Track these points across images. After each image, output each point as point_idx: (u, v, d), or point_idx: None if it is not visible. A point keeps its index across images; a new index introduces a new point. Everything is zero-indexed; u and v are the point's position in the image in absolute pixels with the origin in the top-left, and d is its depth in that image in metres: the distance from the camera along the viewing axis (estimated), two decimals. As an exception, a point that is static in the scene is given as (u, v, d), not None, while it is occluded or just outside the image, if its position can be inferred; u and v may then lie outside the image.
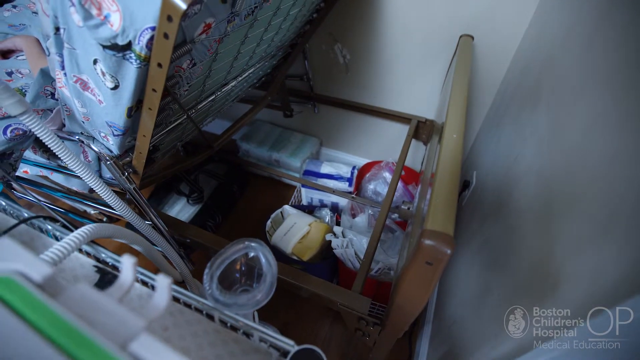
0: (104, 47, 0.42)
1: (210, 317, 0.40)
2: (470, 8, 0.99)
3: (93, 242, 0.50)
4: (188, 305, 0.41)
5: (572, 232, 0.42)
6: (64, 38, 0.45)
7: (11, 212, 0.55)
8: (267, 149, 1.52)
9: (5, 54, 0.85)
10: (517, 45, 1.01)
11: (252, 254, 0.44)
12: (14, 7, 0.91)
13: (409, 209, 0.99)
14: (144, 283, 0.45)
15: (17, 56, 0.85)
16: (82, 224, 0.46)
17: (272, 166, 1.54)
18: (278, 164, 1.52)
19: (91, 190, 0.88)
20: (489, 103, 1.18)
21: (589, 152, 0.43)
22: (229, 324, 0.39)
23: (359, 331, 0.76)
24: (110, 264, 0.48)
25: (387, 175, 1.32)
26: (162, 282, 0.24)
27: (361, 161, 1.58)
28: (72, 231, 0.52)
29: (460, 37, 1.04)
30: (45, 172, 0.92)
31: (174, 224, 0.89)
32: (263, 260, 0.41)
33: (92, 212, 1.34)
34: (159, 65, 0.43)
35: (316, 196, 1.40)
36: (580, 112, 0.49)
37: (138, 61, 0.44)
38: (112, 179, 0.73)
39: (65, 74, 0.51)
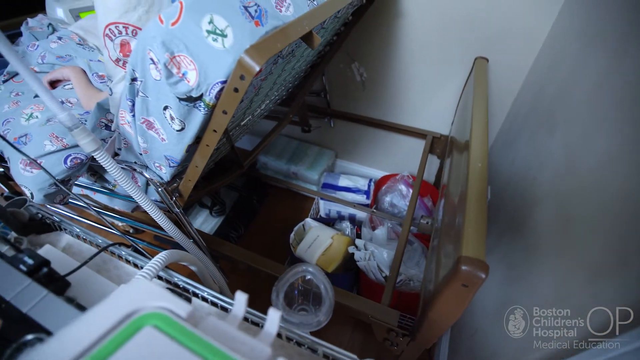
0: (180, 99, 0.48)
1: (278, 334, 0.46)
2: (484, 31, 1.05)
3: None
4: (256, 324, 0.47)
5: (591, 258, 0.47)
6: (139, 88, 0.52)
7: (84, 237, 0.61)
8: (285, 161, 1.58)
9: (53, 83, 0.92)
10: (529, 67, 1.06)
11: (308, 277, 0.50)
12: (60, 38, 0.98)
13: (427, 223, 1.05)
14: (214, 304, 0.51)
15: (64, 85, 0.92)
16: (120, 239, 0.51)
17: (289, 179, 1.60)
18: (296, 176, 1.58)
19: (133, 210, 0.94)
20: (501, 120, 1.23)
21: (606, 184, 0.49)
22: (294, 340, 0.44)
23: (387, 341, 0.81)
24: (181, 286, 0.54)
25: (403, 188, 1.38)
26: (273, 314, 0.30)
27: (375, 173, 1.64)
28: (141, 254, 0.58)
29: (476, 59, 1.10)
30: (86, 192, 0.98)
31: (209, 240, 0.95)
32: (322, 287, 0.46)
33: (121, 224, 1.41)
34: (224, 112, 0.49)
35: (334, 208, 1.45)
36: (596, 147, 0.54)
37: (206, 109, 0.50)
38: (159, 202, 0.79)
39: (133, 115, 0.57)
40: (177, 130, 0.54)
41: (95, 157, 0.55)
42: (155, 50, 0.45)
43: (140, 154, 0.67)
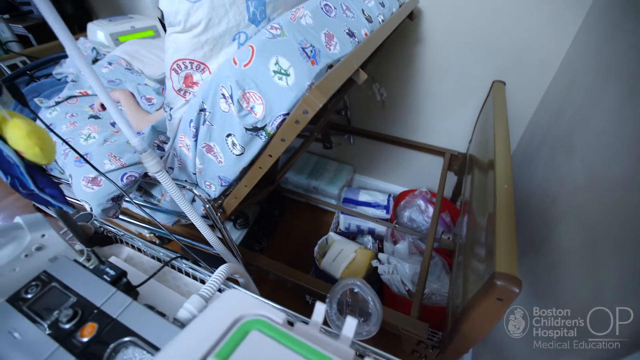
0: (246, 129, 0.54)
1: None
2: (501, 56, 1.12)
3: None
4: (291, 323, 0.52)
5: (617, 280, 0.51)
6: (207, 118, 0.58)
7: (145, 250, 0.67)
8: (305, 176, 1.64)
9: (104, 105, 0.99)
10: (545, 90, 1.12)
11: (356, 290, 0.55)
12: (110, 64, 1.07)
13: (449, 238, 1.09)
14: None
15: (114, 107, 1.00)
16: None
17: (310, 193, 1.66)
18: (316, 190, 1.64)
19: (174, 224, 1.00)
20: (517, 140, 1.28)
21: (627, 207, 0.53)
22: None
23: (415, 352, 0.85)
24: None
25: (421, 203, 1.43)
26: (351, 322, 0.35)
27: (393, 188, 1.69)
28: (198, 265, 0.63)
29: (494, 83, 1.16)
30: (127, 205, 1.05)
31: (243, 253, 1.00)
32: (369, 299, 0.51)
33: (148, 234, 1.47)
34: (283, 140, 0.56)
35: (354, 222, 1.50)
36: (617, 170, 0.59)
37: (266, 137, 0.56)
38: (203, 216, 0.85)
39: (195, 140, 0.64)
40: (237, 155, 0.60)
41: (157, 177, 0.62)
42: (228, 87, 0.51)
43: (194, 174, 0.73)
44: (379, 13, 0.83)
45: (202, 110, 0.58)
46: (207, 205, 0.77)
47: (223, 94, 0.53)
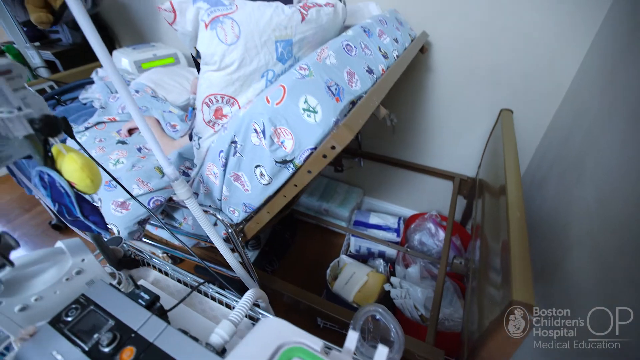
0: (276, 162, 0.58)
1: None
2: (507, 85, 1.16)
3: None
4: None
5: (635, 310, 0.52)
6: (237, 149, 0.62)
7: (172, 274, 0.69)
8: (316, 199, 1.67)
9: (131, 130, 1.05)
10: (552, 117, 1.16)
11: (377, 317, 0.57)
12: (137, 92, 1.13)
13: (461, 263, 1.10)
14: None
15: (139, 132, 1.05)
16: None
17: (320, 215, 1.68)
18: (327, 212, 1.66)
19: (193, 246, 1.03)
20: (525, 164, 1.31)
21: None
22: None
23: (431, 379, 0.85)
24: (256, 318, 0.61)
25: (431, 227, 1.44)
26: (382, 350, 0.37)
27: (401, 210, 1.72)
28: (224, 289, 0.66)
29: (501, 111, 1.20)
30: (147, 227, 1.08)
31: (260, 276, 1.02)
32: (392, 327, 0.53)
33: (161, 254, 1.50)
34: (309, 171, 0.59)
35: (364, 244, 1.52)
36: (629, 196, 0.61)
37: (294, 168, 0.60)
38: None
39: (224, 170, 0.67)
40: (264, 184, 0.64)
41: (187, 203, 0.65)
42: (261, 123, 0.55)
43: (219, 200, 0.76)
44: (393, 49, 0.88)
45: (233, 142, 0.62)
46: (230, 230, 0.80)
47: (255, 129, 0.57)
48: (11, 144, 0.53)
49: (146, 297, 0.56)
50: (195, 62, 0.72)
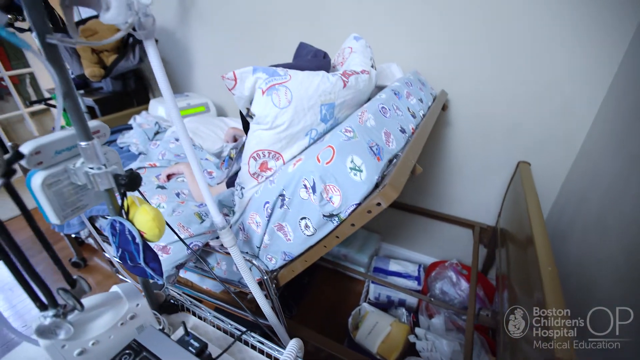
0: (323, 215, 0.63)
1: None
2: (523, 139, 1.22)
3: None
4: None
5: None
6: (285, 202, 0.67)
7: (212, 320, 0.71)
8: (335, 243, 1.69)
9: (169, 176, 1.11)
10: (569, 169, 1.20)
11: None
12: (177, 140, 1.21)
13: (487, 315, 1.09)
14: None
15: (177, 178, 1.11)
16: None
17: (339, 260, 1.69)
18: (345, 258, 1.67)
19: (222, 291, 1.05)
20: (545, 215, 1.33)
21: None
22: None
23: None
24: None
25: (452, 275, 1.43)
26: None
27: (420, 257, 1.71)
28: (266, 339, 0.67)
29: (519, 163, 1.25)
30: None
31: (288, 323, 1.02)
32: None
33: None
34: (352, 224, 0.63)
35: (384, 292, 1.50)
36: None
37: (338, 221, 0.64)
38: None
39: (268, 220, 0.72)
40: (308, 235, 0.68)
41: (230, 250, 0.69)
42: (311, 179, 0.61)
43: (257, 247, 0.80)
44: (420, 109, 0.96)
45: (281, 195, 0.67)
46: (265, 277, 0.82)
47: (305, 185, 0.62)
48: (88, 194, 0.59)
49: (195, 344, 0.57)
50: (243, 118, 0.80)
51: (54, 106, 1.79)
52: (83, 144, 0.51)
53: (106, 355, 0.55)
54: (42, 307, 0.47)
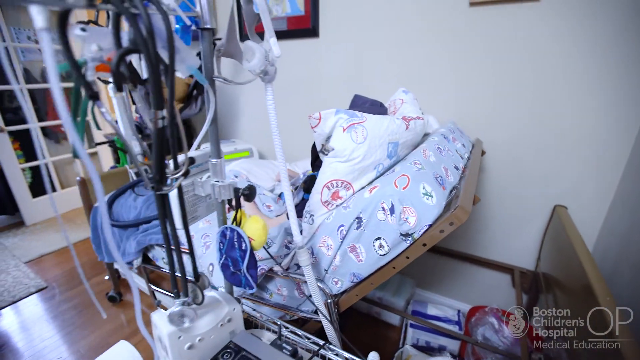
0: (400, 234, 0.71)
1: None
2: (558, 182, 1.30)
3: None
4: None
5: None
6: (362, 224, 0.75)
7: (287, 335, 0.75)
8: (369, 285, 1.70)
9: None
10: (606, 212, 1.25)
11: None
12: (236, 176, 1.34)
13: (540, 359, 1.07)
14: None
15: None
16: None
17: (373, 303, 1.68)
18: (380, 301, 1.67)
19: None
20: (586, 261, 1.35)
21: None
22: None
23: None
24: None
25: (494, 321, 1.41)
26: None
27: (456, 303, 1.70)
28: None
29: (555, 206, 1.31)
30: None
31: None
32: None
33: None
34: (424, 244, 0.70)
35: (422, 337, 1.48)
36: None
37: (411, 241, 0.71)
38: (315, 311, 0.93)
39: (341, 241, 0.79)
40: (381, 255, 0.75)
41: (305, 270, 0.76)
42: (389, 202, 0.70)
43: (325, 270, 0.86)
44: (464, 152, 1.07)
45: (358, 218, 0.76)
46: (330, 300, 0.87)
47: (383, 207, 0.71)
48: (202, 206, 0.69)
49: (288, 347, 0.62)
50: (313, 153, 0.91)
51: (115, 147, 1.99)
52: (214, 160, 0.63)
53: (208, 353, 0.60)
54: (176, 295, 0.55)
